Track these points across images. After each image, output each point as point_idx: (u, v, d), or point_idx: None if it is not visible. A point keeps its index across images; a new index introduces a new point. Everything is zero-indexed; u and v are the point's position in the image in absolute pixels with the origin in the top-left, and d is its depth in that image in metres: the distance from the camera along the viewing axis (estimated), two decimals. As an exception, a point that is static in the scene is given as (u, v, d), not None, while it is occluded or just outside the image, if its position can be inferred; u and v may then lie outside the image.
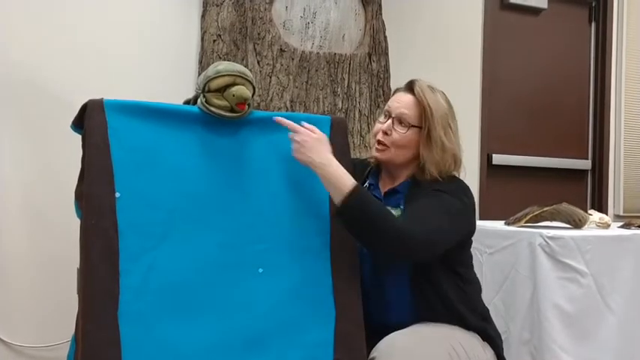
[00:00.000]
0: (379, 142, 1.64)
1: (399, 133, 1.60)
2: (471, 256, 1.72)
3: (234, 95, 1.49)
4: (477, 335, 1.63)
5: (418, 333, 1.50)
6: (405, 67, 2.87)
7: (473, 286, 1.68)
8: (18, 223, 2.31)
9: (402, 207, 1.60)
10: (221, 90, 1.50)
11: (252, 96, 1.55)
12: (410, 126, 1.60)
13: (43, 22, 2.36)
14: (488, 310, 1.74)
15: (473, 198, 1.66)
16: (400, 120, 1.61)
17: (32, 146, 2.33)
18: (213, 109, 1.49)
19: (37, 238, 2.32)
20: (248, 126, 1.55)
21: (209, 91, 1.50)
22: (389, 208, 1.60)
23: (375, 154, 1.66)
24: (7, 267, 2.29)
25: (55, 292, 2.31)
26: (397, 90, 1.70)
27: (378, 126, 1.67)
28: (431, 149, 1.58)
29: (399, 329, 1.54)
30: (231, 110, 1.51)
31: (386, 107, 1.68)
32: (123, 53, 2.49)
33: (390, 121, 1.62)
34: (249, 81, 1.53)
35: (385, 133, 1.62)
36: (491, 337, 1.66)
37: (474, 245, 2.28)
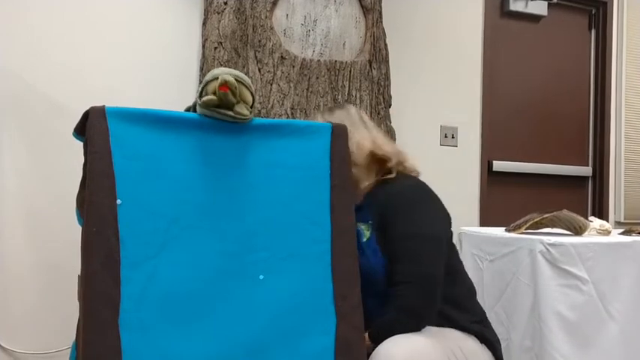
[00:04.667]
0: None
1: None
2: (455, 259, 1.73)
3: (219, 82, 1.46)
4: (474, 337, 1.63)
5: (416, 337, 1.51)
6: (406, 75, 2.89)
7: (460, 288, 1.68)
8: (19, 229, 2.31)
9: (370, 222, 1.64)
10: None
11: (253, 103, 1.55)
12: None
13: (43, 31, 2.37)
14: (484, 314, 1.74)
15: (427, 188, 1.69)
16: None
17: (33, 153, 2.34)
18: (204, 110, 1.49)
19: (38, 245, 2.33)
20: (249, 133, 1.55)
21: (206, 94, 1.50)
22: (359, 224, 1.64)
23: None
24: (8, 273, 2.29)
25: (55, 299, 2.31)
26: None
27: None
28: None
29: None
30: (219, 105, 1.47)
31: None
32: (124, 61, 2.50)
33: None
34: (245, 86, 1.52)
35: None
36: (488, 340, 1.66)
37: (474, 252, 2.28)
